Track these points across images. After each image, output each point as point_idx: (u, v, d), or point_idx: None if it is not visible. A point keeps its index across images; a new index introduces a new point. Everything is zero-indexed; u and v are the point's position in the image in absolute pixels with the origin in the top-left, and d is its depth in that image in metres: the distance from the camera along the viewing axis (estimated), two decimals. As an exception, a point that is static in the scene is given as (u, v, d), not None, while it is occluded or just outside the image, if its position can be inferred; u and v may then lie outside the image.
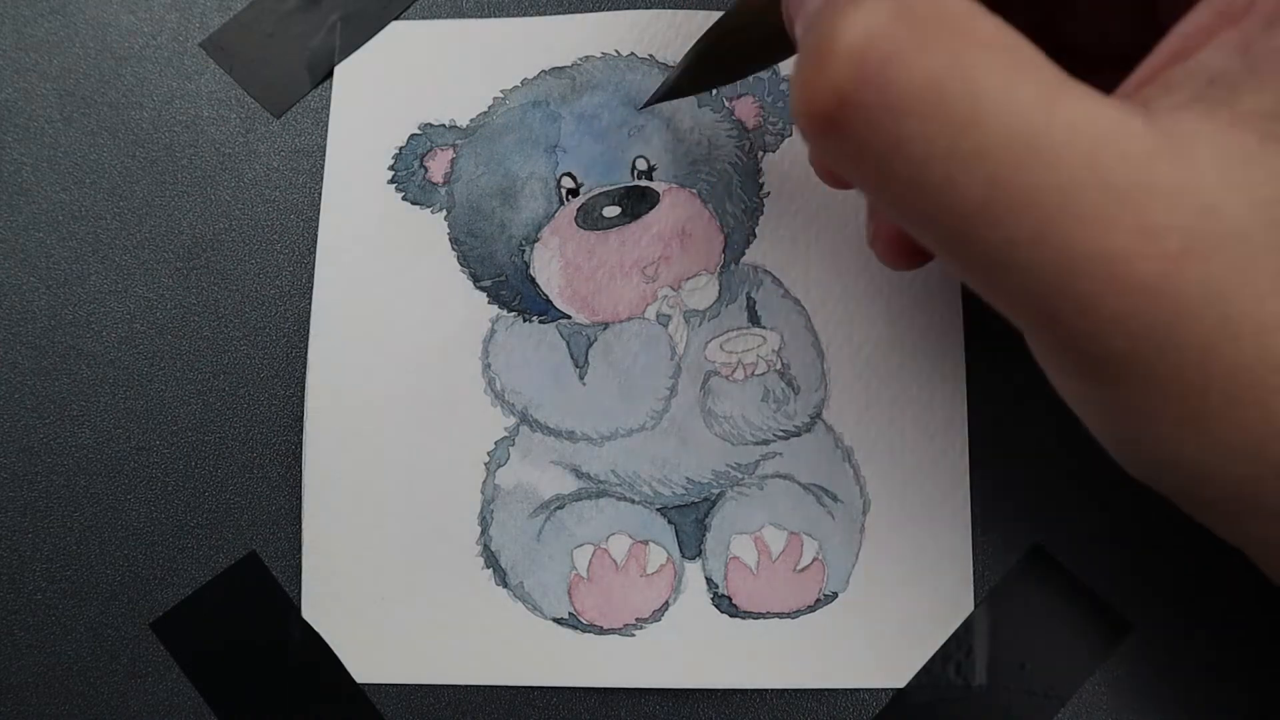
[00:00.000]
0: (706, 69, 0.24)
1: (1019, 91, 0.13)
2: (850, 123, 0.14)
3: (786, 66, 0.27)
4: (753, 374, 0.25)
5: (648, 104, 0.26)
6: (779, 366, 0.25)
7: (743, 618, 0.24)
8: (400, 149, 0.27)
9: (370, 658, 0.24)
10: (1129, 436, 0.15)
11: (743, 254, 0.26)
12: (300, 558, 0.25)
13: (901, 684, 0.24)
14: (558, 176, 0.26)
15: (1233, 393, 0.13)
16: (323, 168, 0.27)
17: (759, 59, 0.23)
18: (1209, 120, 0.14)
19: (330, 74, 0.27)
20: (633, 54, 0.27)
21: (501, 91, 0.27)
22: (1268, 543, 0.16)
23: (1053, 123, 0.13)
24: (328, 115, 0.27)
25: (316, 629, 0.25)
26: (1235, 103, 0.14)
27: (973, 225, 0.14)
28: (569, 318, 0.26)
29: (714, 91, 0.27)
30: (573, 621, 0.24)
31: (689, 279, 0.26)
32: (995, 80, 0.13)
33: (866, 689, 0.24)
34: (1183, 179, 0.13)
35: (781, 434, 0.25)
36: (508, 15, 0.28)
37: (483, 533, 0.25)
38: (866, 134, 0.14)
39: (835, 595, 0.24)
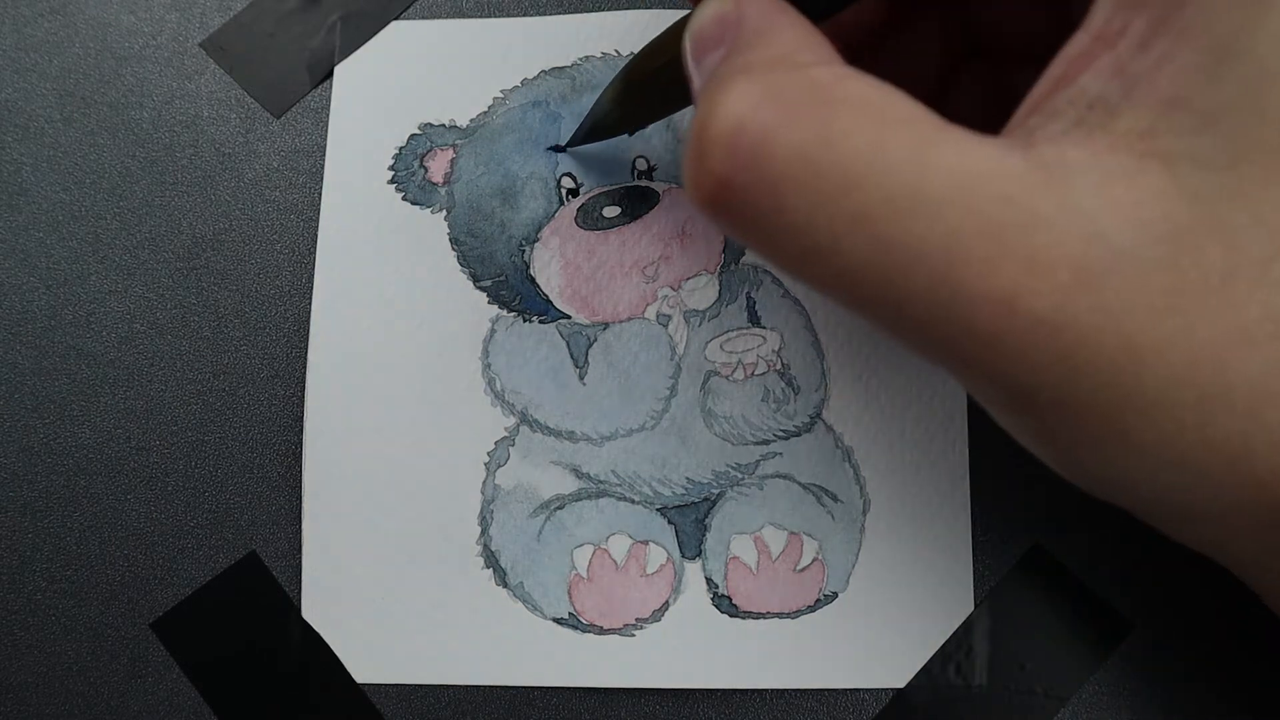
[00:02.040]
0: (632, 108, 0.23)
1: (890, 150, 0.14)
2: (734, 203, 0.15)
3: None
4: (753, 374, 0.25)
5: (570, 145, 0.26)
6: (779, 366, 0.25)
7: (743, 618, 0.24)
8: (400, 149, 0.27)
9: (370, 658, 0.24)
10: (1060, 458, 0.16)
11: (743, 254, 0.26)
12: (300, 558, 0.25)
13: (901, 684, 0.24)
14: (558, 176, 0.26)
15: (1144, 410, 0.14)
16: (323, 168, 0.27)
17: (683, 99, 0.22)
18: (1088, 145, 0.14)
19: (330, 74, 0.28)
20: (632, 54, 0.27)
21: (501, 91, 0.27)
22: (1223, 547, 0.16)
23: (927, 175, 0.14)
24: (328, 115, 0.27)
25: (316, 629, 0.25)
26: (1113, 125, 0.14)
27: (866, 284, 0.14)
28: (569, 318, 0.26)
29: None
30: (573, 621, 0.24)
31: (689, 279, 0.26)
32: (864, 142, 0.14)
33: (866, 689, 0.24)
34: (1065, 210, 0.13)
35: (781, 434, 0.25)
36: (508, 15, 0.28)
37: (483, 533, 0.25)
38: (750, 212, 0.15)
39: (835, 595, 0.24)
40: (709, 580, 0.25)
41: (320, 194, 0.27)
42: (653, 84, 0.21)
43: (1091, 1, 0.15)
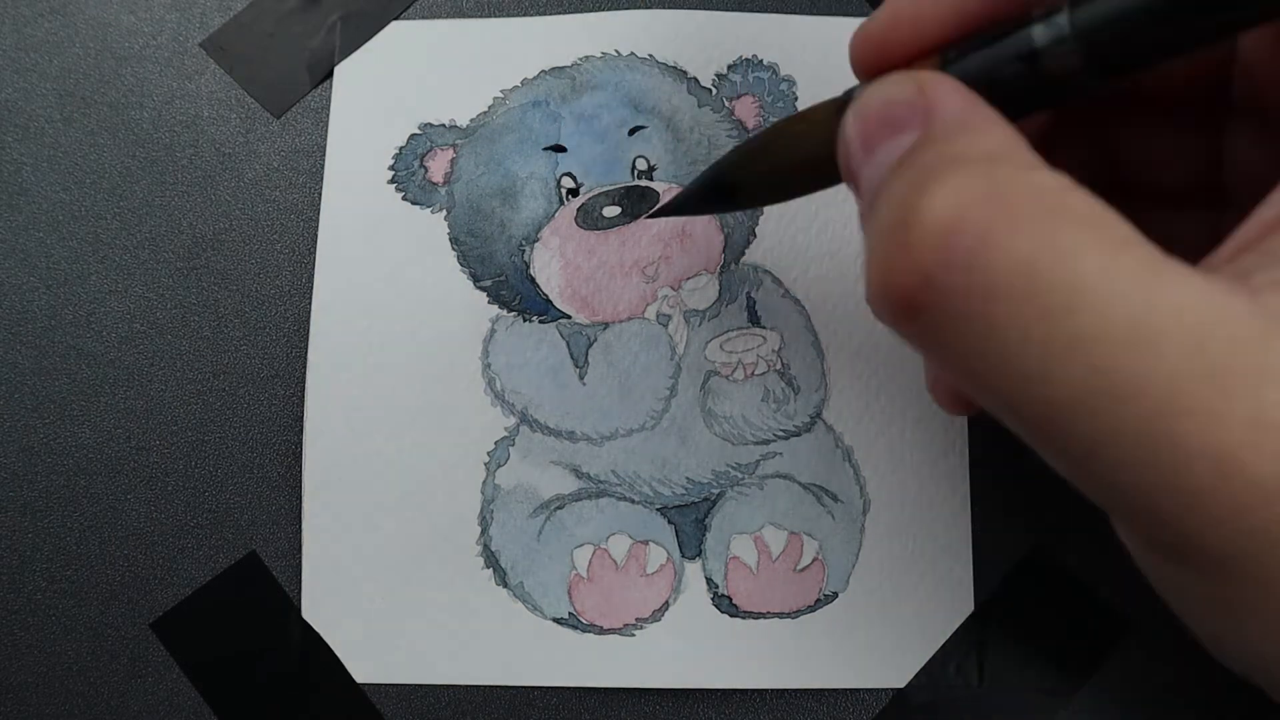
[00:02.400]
0: (755, 190, 0.21)
1: (1118, 274, 0.13)
2: (935, 307, 0.13)
3: (785, 65, 0.27)
4: (753, 374, 0.25)
5: (656, 214, 0.25)
6: (779, 366, 0.25)
7: (743, 618, 0.24)
8: (400, 149, 0.27)
9: (370, 658, 0.24)
10: (1224, 630, 0.14)
11: (743, 254, 0.26)
12: (300, 558, 0.25)
13: (901, 684, 0.24)
14: (558, 176, 0.26)
15: None
16: (323, 168, 0.27)
17: (798, 187, 0.20)
18: None
19: (330, 74, 0.27)
20: (633, 54, 0.27)
21: (501, 91, 0.27)
22: None
23: (1155, 307, 0.12)
24: (328, 115, 0.27)
25: (316, 629, 0.25)
26: None
27: (1069, 415, 0.13)
28: (569, 318, 0.26)
29: (714, 91, 0.27)
30: (573, 621, 0.24)
31: (689, 279, 0.26)
32: (1093, 262, 0.13)
33: (866, 689, 0.24)
34: None
35: (781, 434, 0.25)
36: (508, 15, 0.28)
37: (483, 533, 0.25)
38: (953, 319, 0.13)
39: (835, 595, 0.24)
40: (709, 580, 0.25)
41: (320, 194, 0.27)
42: (797, 159, 0.19)
43: (1265, 173, 0.14)
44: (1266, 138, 0.17)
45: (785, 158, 0.20)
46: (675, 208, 0.23)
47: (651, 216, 0.25)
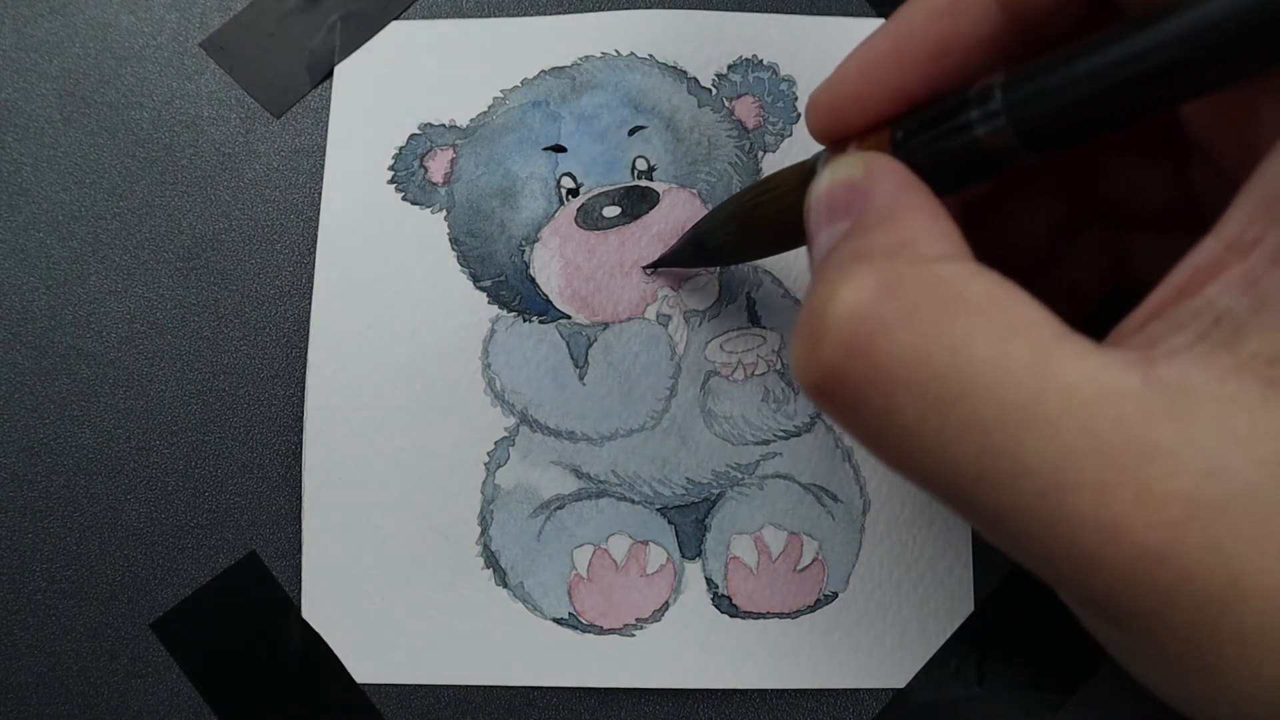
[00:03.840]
0: (744, 243, 0.22)
1: (1009, 358, 0.13)
2: (843, 394, 0.14)
3: (785, 65, 0.27)
4: (753, 374, 0.25)
5: (656, 265, 0.25)
6: (779, 366, 0.25)
7: (743, 618, 0.24)
8: (400, 149, 0.27)
9: (370, 658, 0.24)
10: (1146, 676, 0.15)
11: (743, 254, 0.26)
12: (300, 558, 0.25)
13: (901, 684, 0.24)
14: (558, 176, 0.26)
15: (1245, 650, 0.13)
16: (323, 168, 0.27)
17: (778, 248, 0.22)
18: (1212, 366, 0.13)
19: (330, 74, 0.27)
20: (633, 54, 0.27)
21: (501, 91, 0.27)
22: None
23: (1045, 388, 0.13)
24: (328, 115, 0.27)
25: (316, 629, 0.25)
26: (1239, 346, 0.13)
27: (970, 492, 0.14)
28: (569, 318, 0.26)
29: (714, 91, 0.27)
30: (573, 621, 0.24)
31: (689, 279, 0.26)
32: (984, 348, 0.13)
33: (866, 689, 0.24)
34: (1183, 440, 0.13)
35: (781, 434, 0.25)
36: (508, 15, 0.28)
37: (483, 533, 0.25)
38: (859, 406, 0.14)
39: (835, 595, 0.24)
40: (709, 580, 0.25)
41: (320, 194, 0.27)
42: (769, 224, 0.21)
43: (1227, 204, 0.14)
44: (1221, 176, 0.18)
45: (758, 225, 0.21)
46: (666, 261, 0.25)
47: (648, 268, 0.26)
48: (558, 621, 0.24)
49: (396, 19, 0.28)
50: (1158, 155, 0.20)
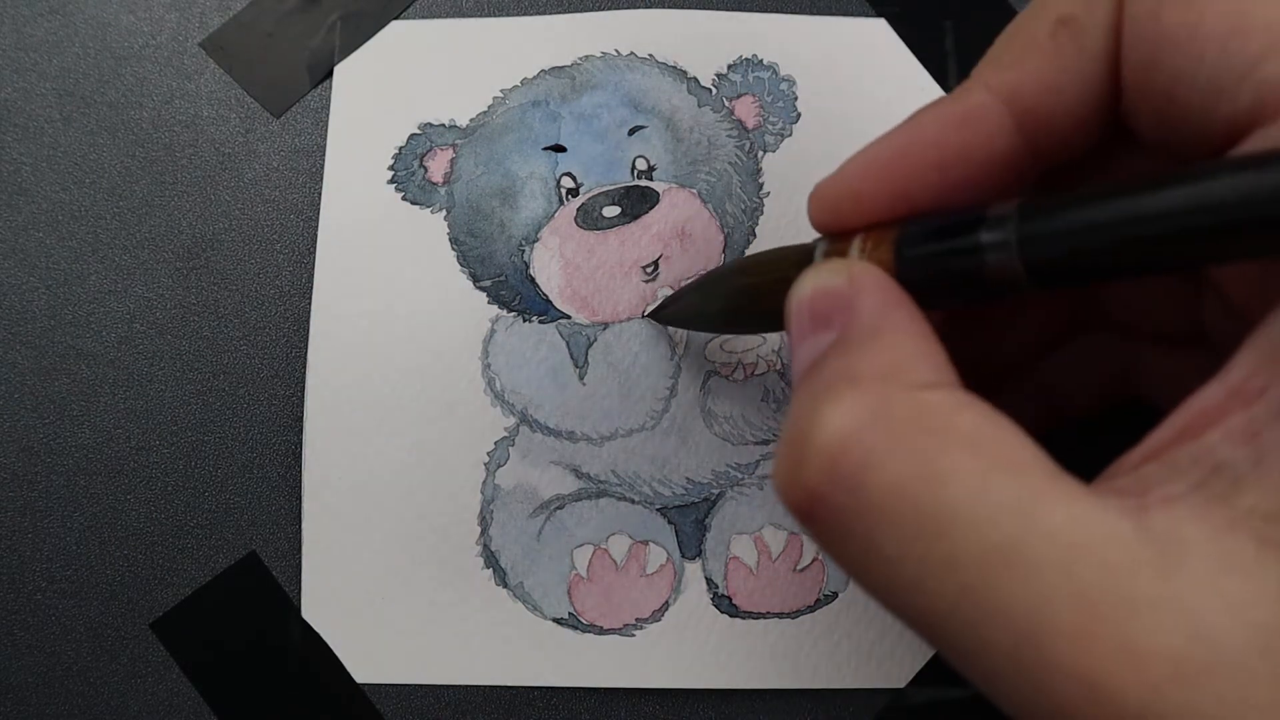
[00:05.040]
0: (731, 318, 0.22)
1: (993, 498, 0.13)
2: (825, 519, 0.14)
3: (785, 65, 0.27)
4: (753, 374, 0.25)
5: (654, 313, 0.25)
6: (779, 366, 0.25)
7: (743, 618, 0.24)
8: (400, 149, 0.27)
9: (370, 658, 0.24)
10: None
11: (743, 254, 0.26)
12: (300, 558, 0.25)
13: (901, 684, 0.24)
14: (558, 176, 0.26)
15: None
16: (323, 168, 0.27)
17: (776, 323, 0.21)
18: (1206, 519, 0.13)
19: (330, 74, 0.27)
20: (633, 54, 0.27)
21: (501, 91, 0.27)
22: None
23: (1029, 531, 0.13)
24: (328, 115, 0.27)
25: (316, 629, 0.25)
26: (1236, 499, 0.13)
27: (945, 628, 0.13)
28: (569, 318, 0.26)
29: (714, 91, 0.27)
30: (573, 621, 0.24)
31: (689, 279, 0.26)
32: (968, 486, 0.13)
33: (866, 689, 0.24)
34: (1171, 595, 0.12)
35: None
36: (508, 15, 0.28)
37: (483, 533, 0.25)
38: (840, 531, 0.14)
39: (835, 595, 0.24)
40: (709, 580, 0.25)
41: (320, 194, 0.27)
42: (754, 304, 0.20)
43: (1233, 337, 0.14)
44: (1232, 308, 0.18)
45: (746, 301, 0.21)
46: (662, 315, 0.25)
47: (649, 315, 0.25)
48: (558, 621, 0.24)
49: (396, 19, 0.28)
50: (1168, 282, 0.20)
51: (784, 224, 0.26)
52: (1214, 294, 0.19)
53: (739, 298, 0.21)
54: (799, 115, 0.27)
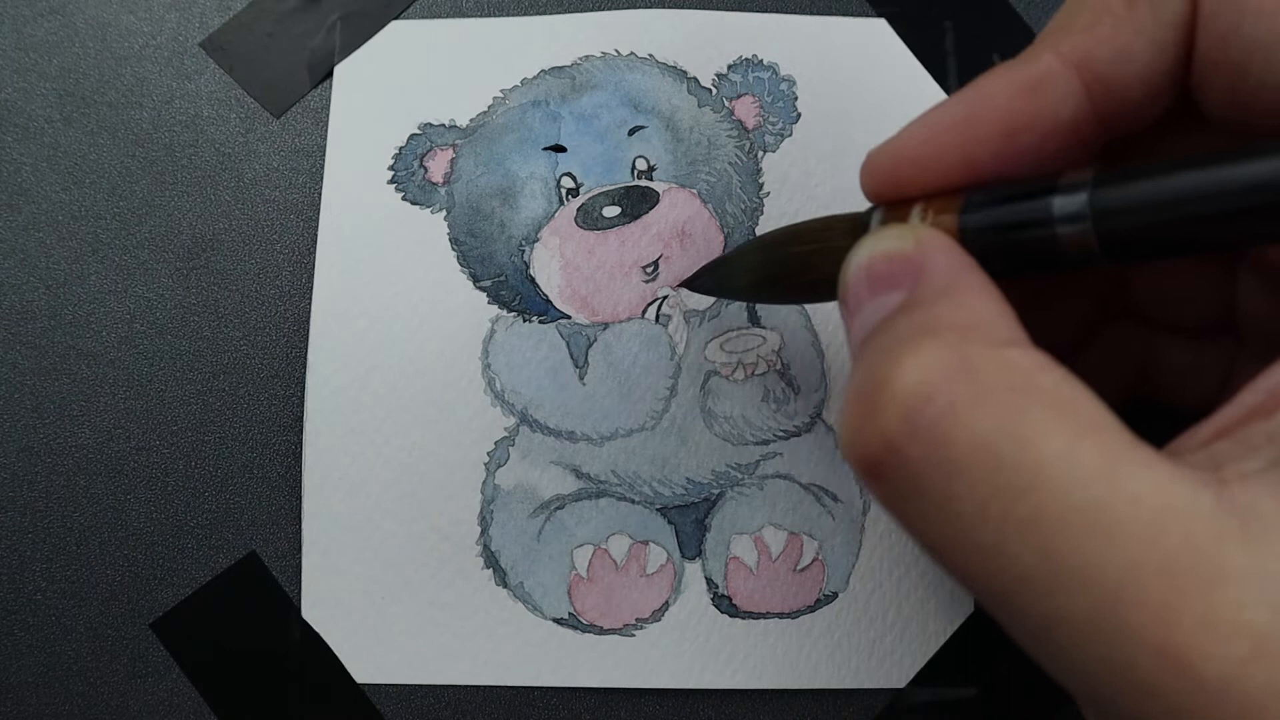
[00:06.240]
0: (767, 288, 0.22)
1: (1080, 459, 0.13)
2: (898, 473, 0.14)
3: (785, 65, 0.27)
4: (753, 374, 0.25)
5: (686, 283, 0.25)
6: (779, 366, 0.25)
7: (743, 618, 0.24)
8: (400, 149, 0.27)
9: (370, 658, 0.24)
10: None
11: (743, 254, 0.26)
12: (300, 558, 0.25)
13: (901, 684, 0.24)
14: (558, 176, 0.26)
15: None
16: (323, 168, 0.27)
17: (820, 296, 0.20)
18: None
19: (330, 74, 0.27)
20: (633, 54, 0.27)
21: (501, 91, 0.27)
22: None
23: (1115, 496, 0.12)
24: (328, 115, 0.27)
25: (316, 629, 0.25)
26: None
27: (1021, 594, 0.13)
28: (569, 318, 0.26)
29: (714, 91, 0.27)
30: (573, 621, 0.24)
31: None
32: (1055, 445, 0.13)
33: (866, 689, 0.24)
34: (1255, 568, 0.12)
35: (781, 434, 0.25)
36: (508, 15, 0.28)
37: (483, 533, 0.25)
38: (914, 486, 0.14)
39: (835, 595, 0.24)
40: (709, 580, 0.25)
41: (320, 194, 0.27)
42: (807, 269, 0.20)
43: (1266, 322, 0.14)
44: (1272, 293, 0.17)
45: (793, 268, 0.20)
46: (690, 284, 0.24)
47: (681, 285, 0.25)
48: (558, 621, 0.24)
49: (396, 19, 0.28)
50: (1204, 265, 0.19)
51: (784, 224, 0.26)
52: (1254, 277, 0.18)
53: (783, 267, 0.20)
54: (799, 115, 0.27)
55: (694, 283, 0.24)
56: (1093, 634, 0.13)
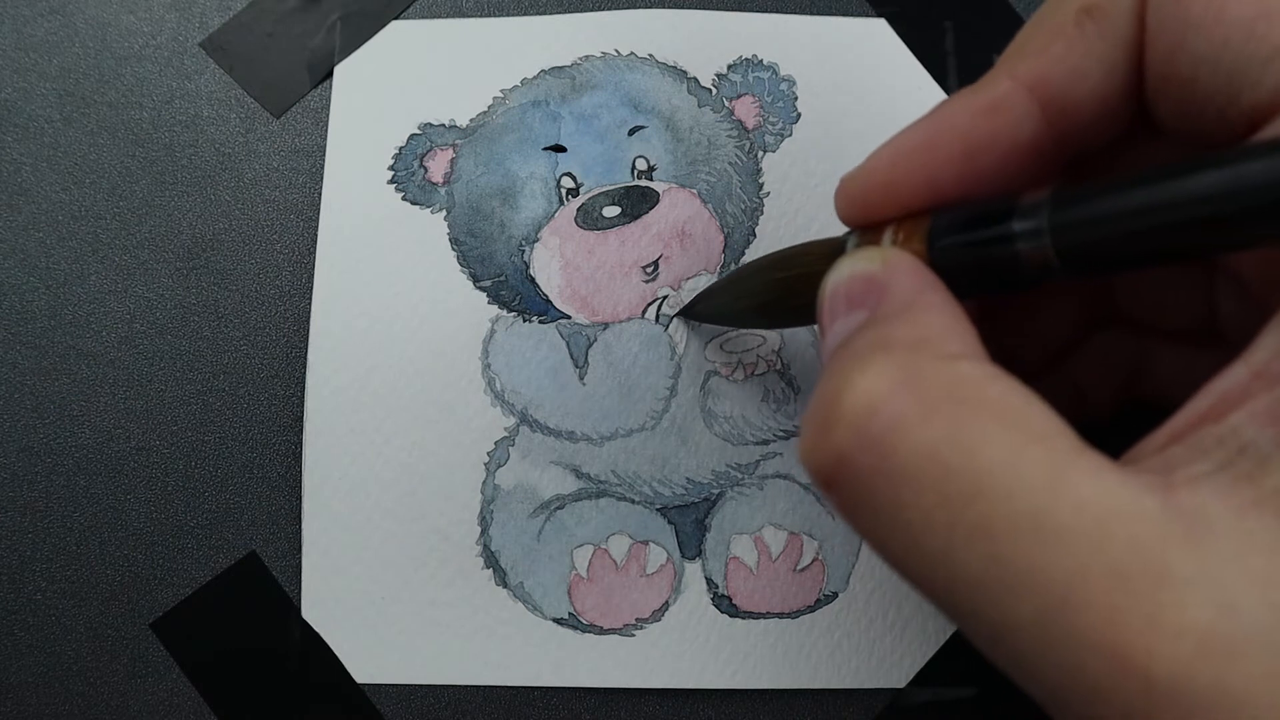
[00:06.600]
0: (758, 313, 0.22)
1: (1024, 466, 0.13)
2: (851, 483, 0.14)
3: (785, 65, 0.27)
4: (753, 374, 0.25)
5: (683, 312, 0.25)
6: (779, 366, 0.25)
7: (743, 618, 0.24)
8: (400, 149, 0.27)
9: (370, 658, 0.24)
10: None
11: (743, 254, 0.26)
12: (300, 558, 0.25)
13: (901, 684, 0.24)
14: (558, 176, 0.26)
15: None
16: (323, 168, 0.27)
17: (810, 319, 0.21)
18: (1231, 497, 0.13)
19: (330, 74, 0.27)
20: (633, 54, 0.27)
21: (501, 91, 0.27)
22: None
23: (1059, 501, 0.13)
24: (328, 115, 0.27)
25: (316, 629, 0.25)
26: (1261, 479, 0.13)
27: (970, 600, 0.13)
28: (569, 318, 0.26)
29: (714, 91, 0.27)
30: (573, 621, 0.24)
31: (689, 279, 0.26)
32: (999, 453, 0.13)
33: (866, 689, 0.24)
34: (1199, 570, 0.12)
35: (781, 434, 0.25)
36: (508, 15, 0.28)
37: (483, 533, 0.25)
38: (866, 496, 0.14)
39: (835, 595, 0.24)
40: (709, 580, 0.25)
41: (320, 194, 0.27)
42: (786, 299, 0.21)
43: (1251, 326, 0.14)
44: (1248, 297, 0.18)
45: (777, 293, 0.21)
46: (686, 313, 0.25)
47: (678, 315, 0.26)
48: (558, 621, 0.24)
49: (396, 19, 0.28)
50: (1182, 272, 0.20)
51: (784, 224, 0.26)
52: (1228, 283, 0.19)
53: (769, 292, 0.21)
54: (799, 115, 0.27)
55: (689, 312, 0.25)
56: (1042, 637, 0.13)
